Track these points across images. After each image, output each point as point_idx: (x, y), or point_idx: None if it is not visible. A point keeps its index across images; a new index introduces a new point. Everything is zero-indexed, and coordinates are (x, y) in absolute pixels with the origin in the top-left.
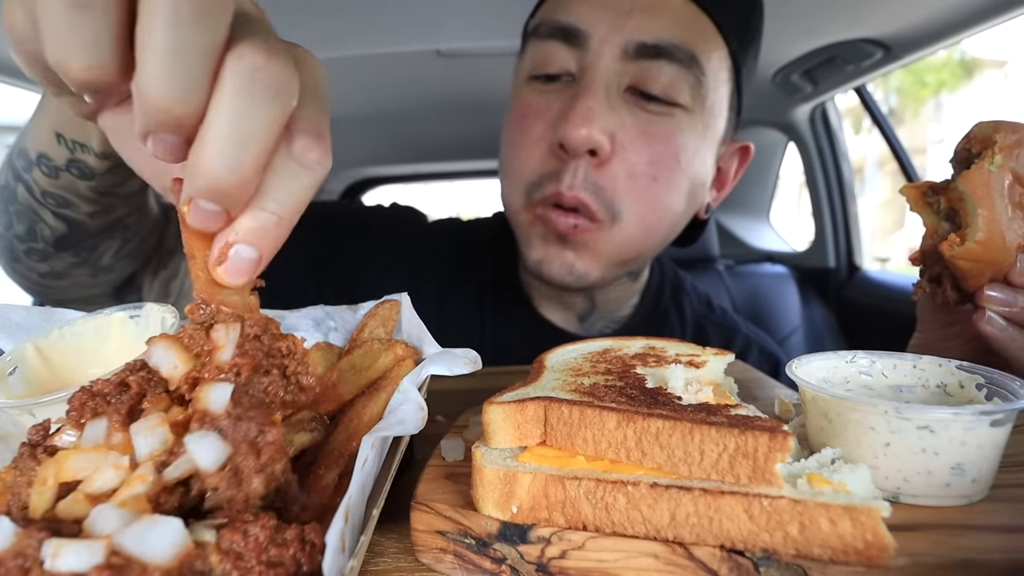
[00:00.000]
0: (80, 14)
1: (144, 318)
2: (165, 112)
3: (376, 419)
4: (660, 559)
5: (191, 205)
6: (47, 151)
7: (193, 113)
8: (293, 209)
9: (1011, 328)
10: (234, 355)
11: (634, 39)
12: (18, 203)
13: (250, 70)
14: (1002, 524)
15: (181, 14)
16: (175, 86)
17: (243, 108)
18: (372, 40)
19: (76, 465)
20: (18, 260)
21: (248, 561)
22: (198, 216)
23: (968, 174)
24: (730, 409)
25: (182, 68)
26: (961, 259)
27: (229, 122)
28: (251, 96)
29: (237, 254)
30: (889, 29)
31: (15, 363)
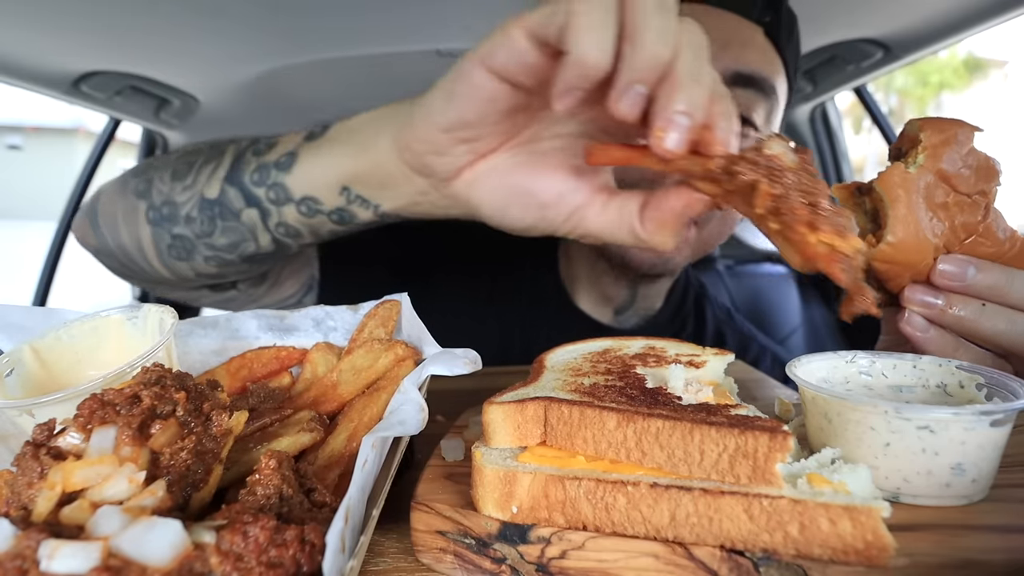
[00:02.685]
0: (606, 18)
1: (142, 319)
2: (655, 59)
3: (376, 419)
4: (660, 559)
5: (627, 92)
6: (319, 196)
7: (670, 60)
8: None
9: (932, 329)
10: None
11: (731, 69)
12: (237, 221)
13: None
14: (1002, 524)
15: (660, 4)
16: (665, 45)
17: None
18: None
19: (84, 475)
20: (187, 259)
21: (248, 562)
22: (634, 101)
23: (884, 174)
24: (730, 409)
25: (667, 32)
26: (876, 260)
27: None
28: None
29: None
30: (889, 29)
31: (12, 365)
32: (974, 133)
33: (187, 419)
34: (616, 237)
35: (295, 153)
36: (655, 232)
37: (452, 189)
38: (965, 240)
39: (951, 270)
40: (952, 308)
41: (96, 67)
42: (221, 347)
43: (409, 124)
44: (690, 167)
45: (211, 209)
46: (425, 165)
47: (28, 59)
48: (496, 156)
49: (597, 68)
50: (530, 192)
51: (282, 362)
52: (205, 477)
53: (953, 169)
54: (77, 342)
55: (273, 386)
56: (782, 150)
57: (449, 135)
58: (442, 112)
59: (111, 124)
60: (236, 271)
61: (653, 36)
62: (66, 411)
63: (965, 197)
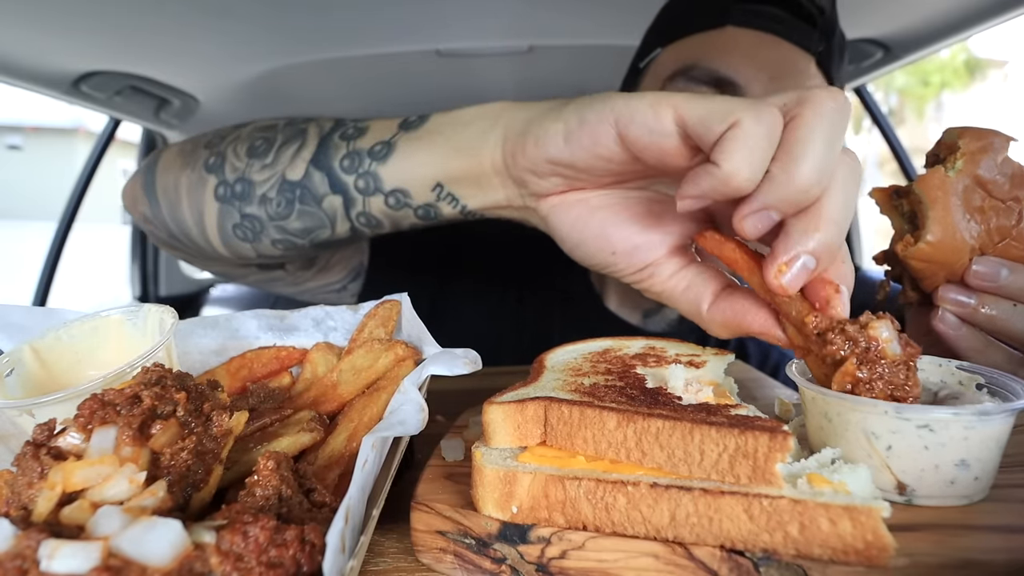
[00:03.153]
0: (767, 141)
1: (142, 319)
2: (804, 193)
3: (376, 419)
4: (660, 559)
5: (759, 215)
6: (410, 189)
7: (817, 196)
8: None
9: (964, 328)
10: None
11: None
12: (318, 207)
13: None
14: (1003, 524)
15: (830, 139)
16: (818, 182)
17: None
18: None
19: (85, 475)
20: (253, 241)
21: (248, 562)
22: (762, 224)
23: (924, 177)
24: (730, 409)
25: (825, 168)
26: (913, 259)
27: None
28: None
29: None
30: (889, 29)
31: (11, 365)
32: (1009, 142)
33: (187, 419)
34: (677, 304)
35: (392, 143)
36: (717, 324)
37: (537, 204)
38: (999, 243)
39: (985, 271)
40: (984, 307)
41: (96, 67)
42: (221, 347)
43: (522, 135)
44: (788, 309)
45: (292, 191)
46: (521, 177)
47: (28, 59)
48: (588, 191)
49: (739, 191)
50: (606, 236)
51: (282, 362)
52: (205, 477)
53: (989, 175)
54: (77, 342)
55: (273, 386)
56: (889, 336)
57: (553, 167)
58: (556, 146)
59: (111, 124)
60: (299, 255)
61: (810, 170)
62: (66, 411)
63: (999, 202)
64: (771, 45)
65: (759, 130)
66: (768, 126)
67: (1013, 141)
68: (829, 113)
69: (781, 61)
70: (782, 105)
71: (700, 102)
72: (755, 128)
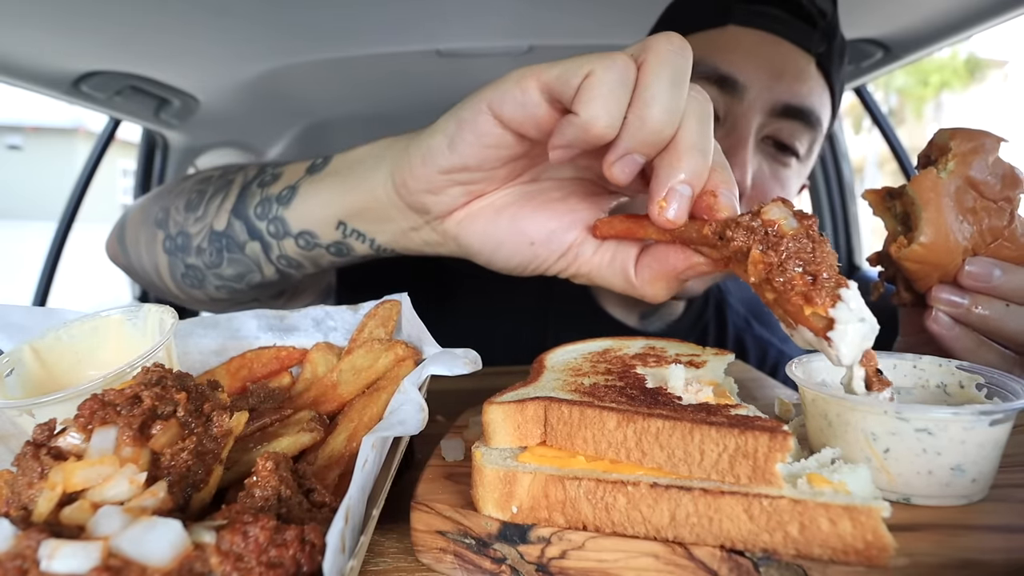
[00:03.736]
0: (620, 88)
1: (142, 319)
2: (658, 134)
3: (376, 419)
4: (660, 559)
5: (624, 160)
6: (316, 231)
7: (672, 134)
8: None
9: (957, 328)
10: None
11: (782, 100)
12: (242, 253)
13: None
14: (1002, 524)
15: (673, 79)
16: (670, 122)
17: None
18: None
19: (85, 476)
20: (199, 288)
21: (248, 562)
22: (629, 168)
23: (917, 179)
24: (730, 409)
25: (675, 108)
26: (907, 260)
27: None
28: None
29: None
30: (889, 29)
31: (11, 365)
32: (1000, 143)
33: (188, 420)
34: (608, 281)
35: (295, 187)
36: (649, 284)
37: (444, 226)
38: (991, 243)
39: (977, 271)
40: (977, 308)
41: (96, 67)
42: (221, 347)
43: (407, 162)
44: (688, 233)
45: (219, 241)
46: (420, 203)
47: (28, 59)
48: (490, 196)
49: (601, 137)
50: (520, 230)
51: (282, 362)
52: (205, 478)
53: (981, 176)
54: (77, 342)
55: (273, 386)
56: (782, 216)
57: (447, 177)
58: (444, 155)
59: (111, 124)
60: (247, 297)
61: (660, 111)
62: (66, 411)
63: (991, 203)
64: (772, 44)
65: (611, 77)
66: (619, 72)
67: (1004, 142)
68: (669, 56)
69: (782, 61)
70: (631, 54)
71: (556, 65)
72: (607, 76)
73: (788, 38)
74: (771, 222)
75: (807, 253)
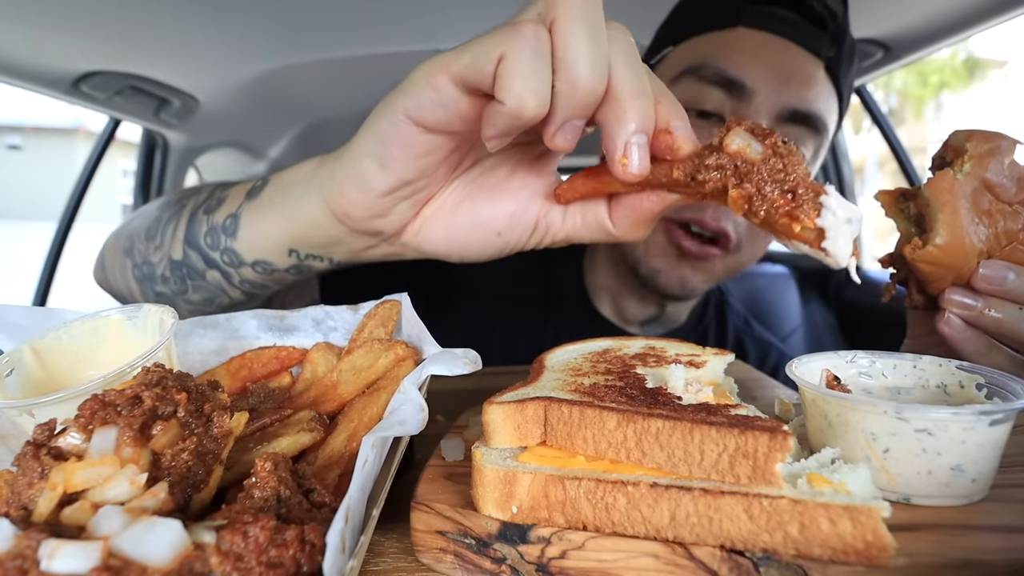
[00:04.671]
0: (539, 62)
1: (142, 319)
2: (591, 94)
3: (376, 419)
4: (660, 559)
5: (564, 128)
6: (269, 259)
7: (604, 87)
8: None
9: (969, 331)
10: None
11: (789, 105)
12: (204, 281)
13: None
14: (1002, 524)
15: (590, 32)
16: (600, 77)
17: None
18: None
19: (86, 476)
20: (172, 304)
21: (248, 562)
22: (571, 135)
23: (933, 180)
24: (730, 409)
25: (600, 62)
26: (921, 262)
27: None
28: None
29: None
30: (889, 29)
31: (11, 365)
32: (1016, 145)
33: (188, 420)
34: (587, 238)
35: (238, 216)
36: (630, 231)
37: (402, 240)
38: (1005, 246)
39: (991, 275)
40: (990, 311)
41: (96, 67)
42: (221, 347)
43: (340, 192)
44: (657, 179)
45: (180, 270)
46: (368, 228)
47: (28, 59)
48: (438, 197)
49: (534, 118)
50: (482, 223)
51: (282, 362)
52: (206, 478)
53: (996, 179)
54: (77, 342)
55: (273, 386)
56: (745, 143)
57: (389, 197)
58: (378, 178)
59: (111, 124)
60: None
61: (587, 70)
62: (66, 411)
63: (1006, 206)
64: (781, 48)
65: (525, 54)
66: (532, 45)
67: (1020, 144)
68: (578, 8)
69: (790, 65)
70: (536, 16)
71: (464, 51)
72: (521, 54)
73: (797, 41)
74: (737, 153)
75: (780, 172)
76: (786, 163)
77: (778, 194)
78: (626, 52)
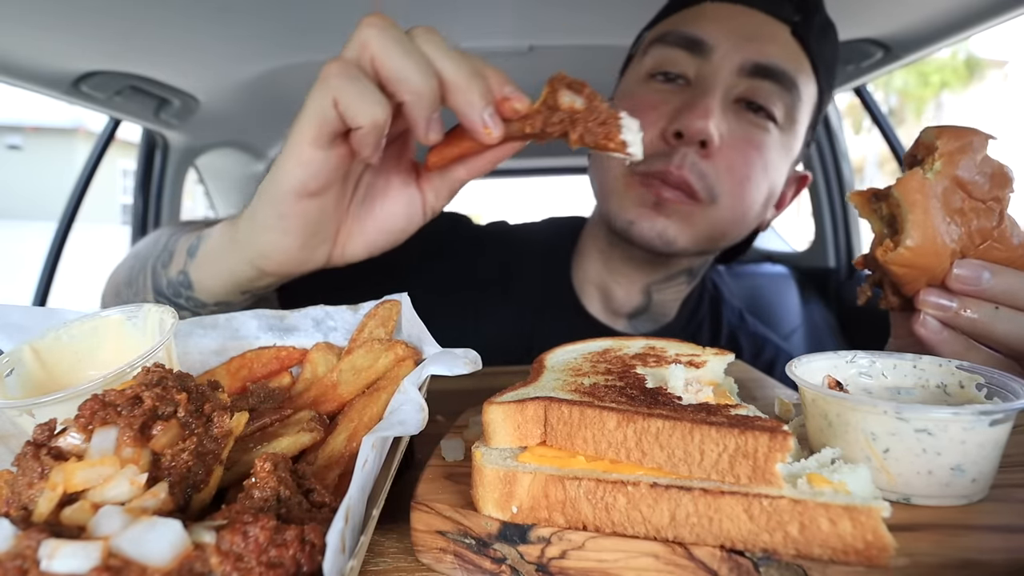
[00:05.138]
0: (360, 83)
1: (142, 319)
2: (433, 96)
3: (376, 419)
4: (660, 559)
5: (428, 126)
6: (228, 300)
7: (438, 84)
8: None
9: (945, 331)
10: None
11: (751, 59)
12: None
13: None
14: (1002, 524)
15: (404, 51)
16: (429, 79)
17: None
18: None
19: (86, 476)
20: None
21: (248, 562)
22: (438, 127)
23: (903, 180)
24: (730, 409)
25: (423, 67)
26: (894, 264)
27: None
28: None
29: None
30: (889, 29)
31: (11, 365)
32: (988, 141)
33: (188, 420)
34: (446, 202)
35: (186, 272)
36: (485, 167)
37: (335, 262)
38: (980, 245)
39: (966, 274)
40: (966, 311)
41: (96, 67)
42: (221, 347)
43: (261, 256)
44: (513, 134)
45: (130, 291)
46: (302, 270)
47: (28, 59)
48: (345, 225)
49: (387, 119)
50: (387, 225)
51: (282, 362)
52: (206, 478)
53: (968, 176)
54: (77, 342)
55: (273, 386)
56: (572, 100)
57: (305, 248)
58: (288, 242)
59: (111, 124)
60: None
61: (417, 78)
62: (66, 411)
63: (980, 203)
64: (743, 13)
65: (349, 87)
66: (345, 77)
67: (992, 139)
68: (383, 38)
69: (752, 25)
70: (356, 55)
71: (306, 118)
72: (346, 89)
73: (760, 8)
74: (569, 108)
75: (596, 115)
76: (596, 105)
77: (597, 127)
78: (439, 47)
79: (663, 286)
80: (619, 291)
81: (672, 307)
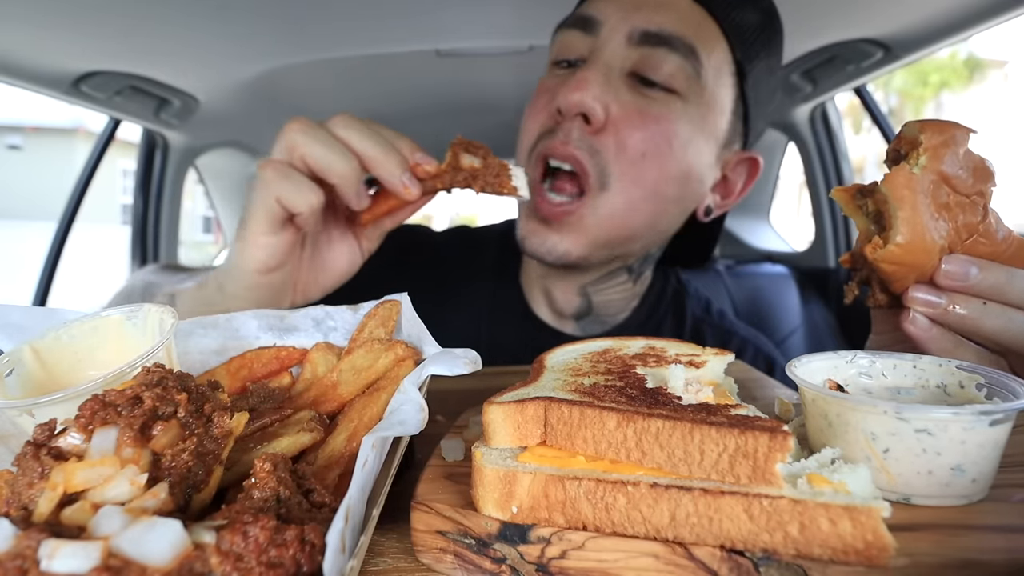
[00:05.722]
0: (293, 178)
1: (142, 319)
2: (355, 174)
3: (376, 419)
4: (660, 559)
5: (357, 198)
6: None
7: (359, 163)
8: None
9: (935, 328)
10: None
11: (639, 28)
12: None
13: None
14: (1002, 524)
15: (324, 144)
16: (348, 161)
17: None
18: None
19: (86, 476)
20: None
21: (248, 562)
22: (365, 196)
23: (890, 176)
24: (730, 409)
25: (342, 157)
26: (883, 262)
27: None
28: None
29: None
30: (889, 29)
31: (11, 365)
32: (970, 135)
33: (188, 420)
34: (375, 245)
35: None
36: (406, 216)
37: (296, 306)
38: (966, 240)
39: (954, 270)
40: (954, 307)
41: (96, 67)
42: (221, 347)
43: (266, 301)
44: (428, 191)
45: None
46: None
47: (28, 59)
48: (300, 279)
49: (321, 200)
50: (336, 272)
51: (282, 362)
52: (206, 478)
53: (952, 170)
54: (77, 342)
55: (273, 386)
56: (471, 160)
57: (275, 304)
58: (258, 305)
59: (111, 124)
60: None
61: (340, 165)
62: (66, 411)
63: (964, 198)
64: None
65: (285, 183)
66: (280, 176)
67: (973, 133)
68: (304, 138)
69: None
70: (285, 158)
71: (256, 216)
72: (283, 185)
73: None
74: (469, 167)
75: (490, 170)
76: (490, 161)
77: (493, 179)
78: (355, 131)
79: (600, 287)
80: (558, 294)
81: (619, 306)
